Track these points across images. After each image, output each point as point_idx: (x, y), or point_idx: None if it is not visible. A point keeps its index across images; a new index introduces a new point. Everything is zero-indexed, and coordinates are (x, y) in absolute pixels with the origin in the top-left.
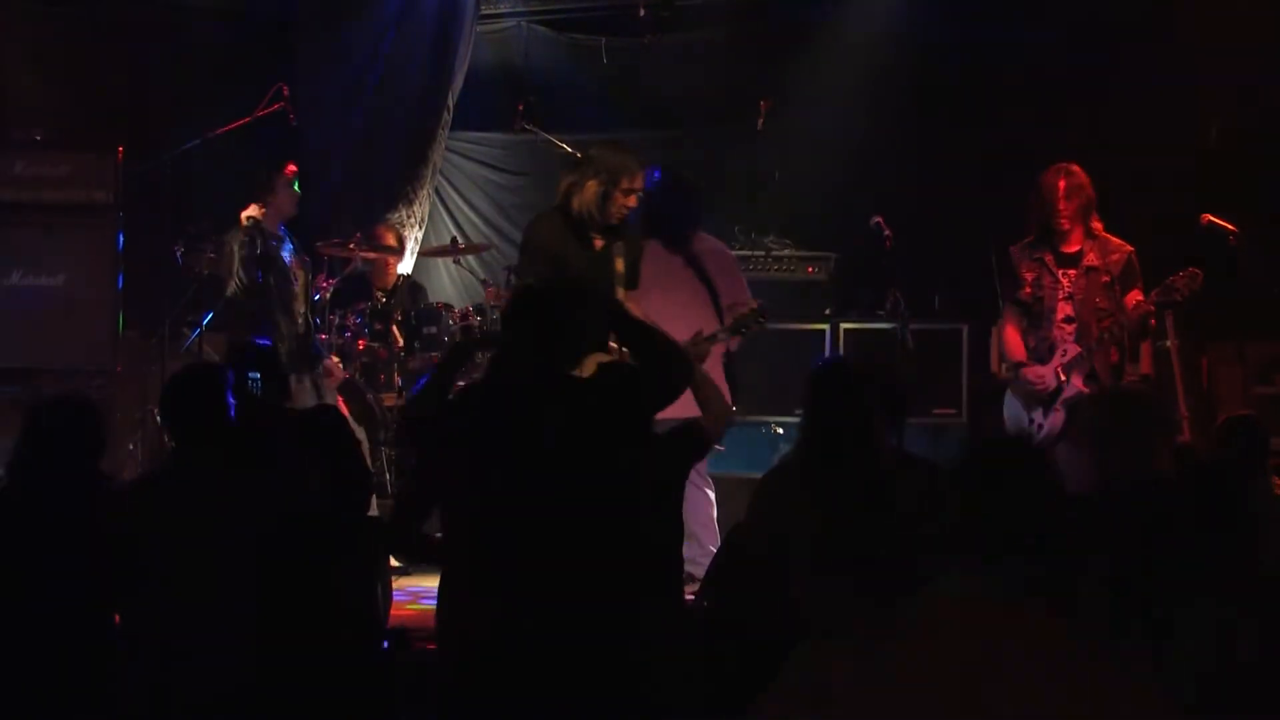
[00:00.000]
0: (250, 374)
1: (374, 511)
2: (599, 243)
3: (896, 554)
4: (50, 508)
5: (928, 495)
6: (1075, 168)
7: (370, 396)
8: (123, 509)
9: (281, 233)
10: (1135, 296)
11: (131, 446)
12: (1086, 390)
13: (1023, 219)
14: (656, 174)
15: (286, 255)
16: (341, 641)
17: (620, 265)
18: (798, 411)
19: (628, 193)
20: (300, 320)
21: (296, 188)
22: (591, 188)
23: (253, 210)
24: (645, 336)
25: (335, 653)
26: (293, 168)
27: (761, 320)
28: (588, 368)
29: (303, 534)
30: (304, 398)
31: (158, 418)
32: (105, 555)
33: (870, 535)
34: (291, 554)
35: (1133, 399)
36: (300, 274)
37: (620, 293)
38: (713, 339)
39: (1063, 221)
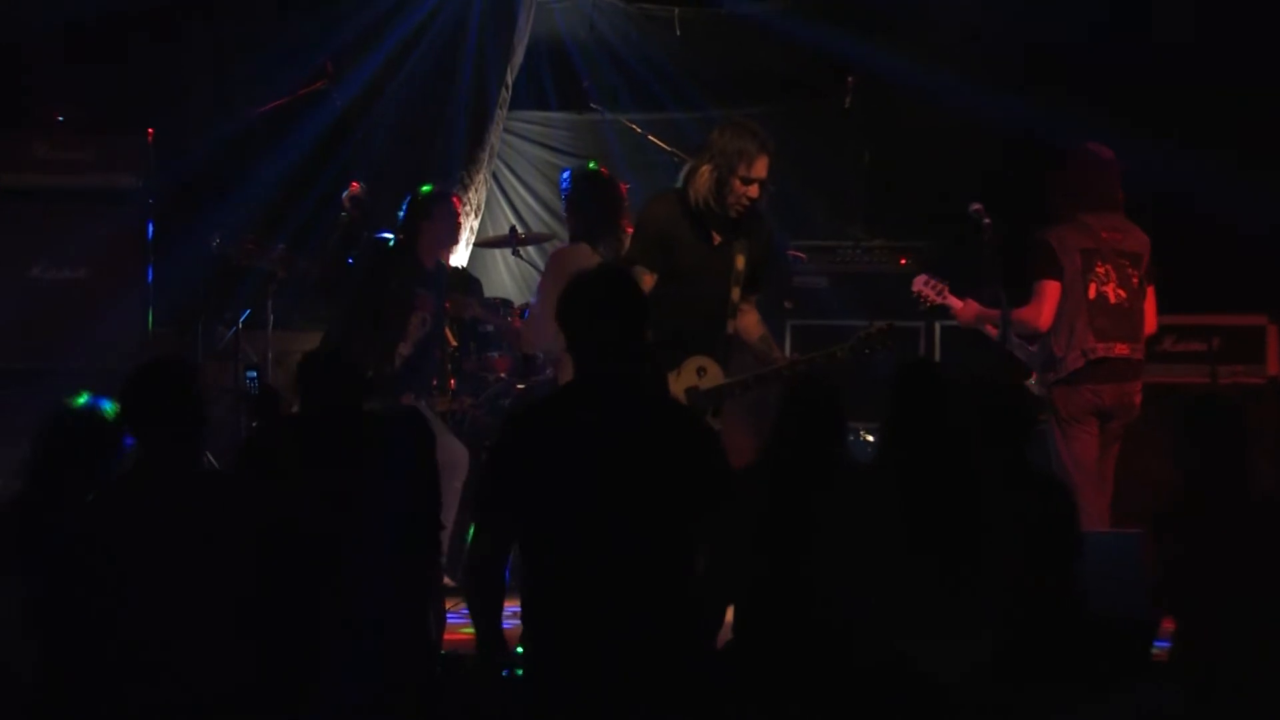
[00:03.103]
0: (248, 372)
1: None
2: (718, 238)
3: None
4: (60, 520)
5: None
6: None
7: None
8: (88, 520)
9: (436, 267)
10: None
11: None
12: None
13: (1139, 202)
14: (566, 176)
15: (427, 290)
16: (386, 664)
17: (740, 263)
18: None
19: (747, 181)
20: (400, 355)
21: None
22: (705, 175)
23: (355, 188)
24: None
25: (379, 676)
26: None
27: (890, 344)
28: (685, 375)
29: (301, 544)
30: None
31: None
32: (71, 569)
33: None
34: (290, 564)
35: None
36: (424, 314)
37: (735, 294)
38: (830, 357)
39: None
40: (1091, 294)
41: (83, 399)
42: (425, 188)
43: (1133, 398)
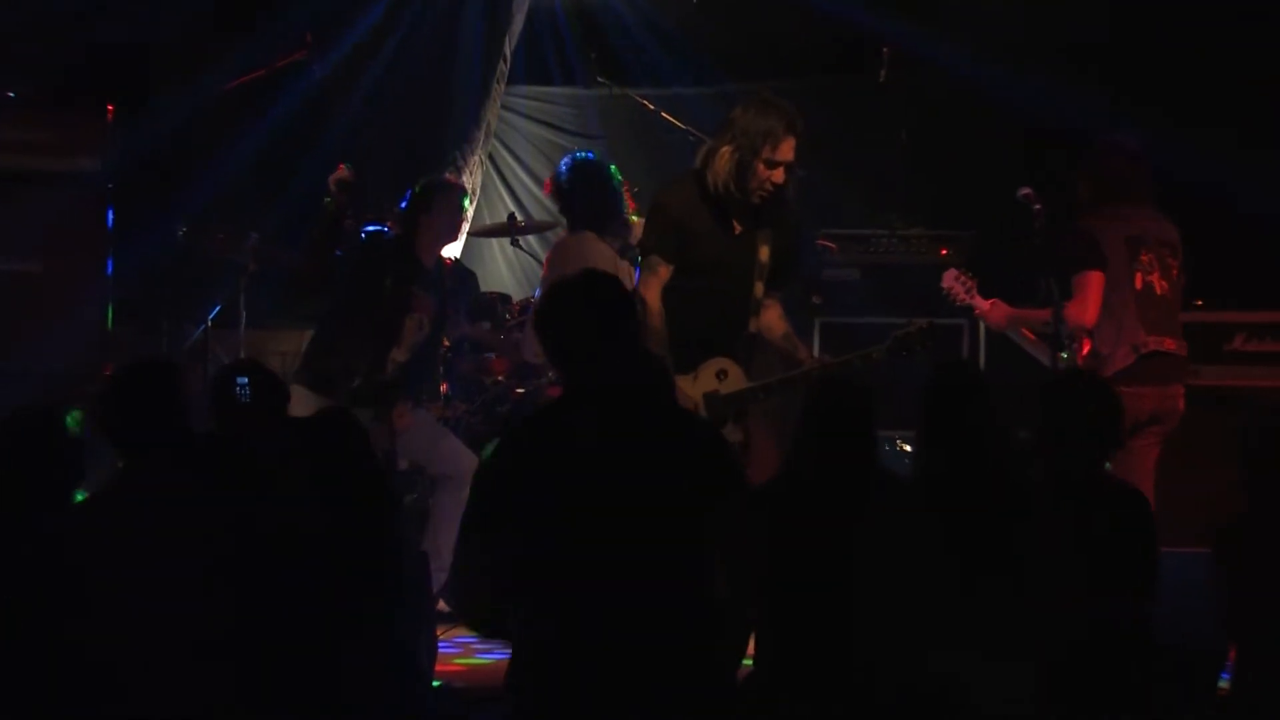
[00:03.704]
0: (238, 379)
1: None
2: (739, 227)
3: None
4: (12, 540)
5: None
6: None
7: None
8: (66, 538)
9: (437, 265)
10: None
11: (121, 464)
12: None
13: (1211, 191)
14: (565, 164)
15: (426, 290)
16: (371, 697)
17: (764, 255)
18: None
19: (771, 164)
20: (394, 361)
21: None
22: (725, 156)
23: (342, 171)
24: None
25: (363, 710)
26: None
27: (930, 344)
28: (704, 379)
29: (289, 560)
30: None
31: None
32: (48, 590)
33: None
34: (276, 582)
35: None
36: (421, 317)
37: (759, 288)
38: (865, 358)
39: None
40: (1138, 284)
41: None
42: (425, 179)
43: (1176, 401)
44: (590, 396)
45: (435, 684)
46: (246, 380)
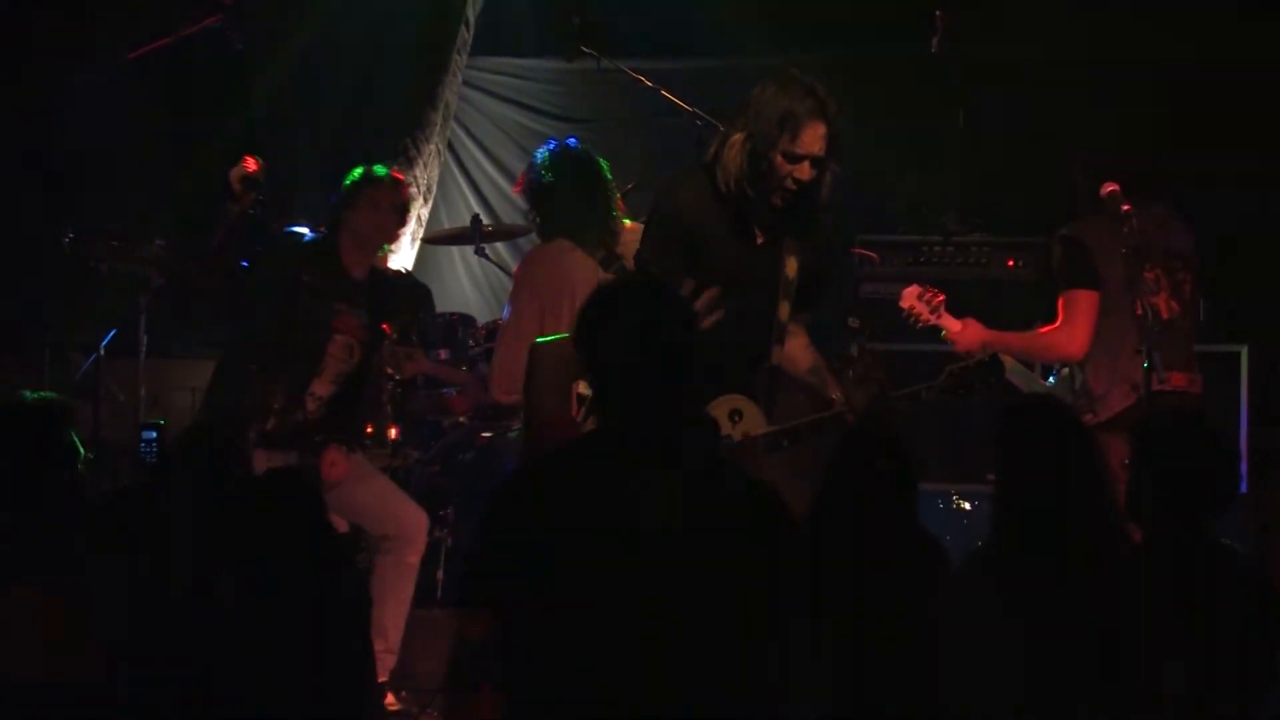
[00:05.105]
0: (145, 432)
1: None
2: (760, 235)
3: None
4: None
5: None
6: None
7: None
8: None
9: (370, 276)
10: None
11: None
12: None
13: None
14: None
15: (353, 306)
16: None
17: (792, 269)
18: (991, 477)
19: (792, 158)
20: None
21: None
22: (736, 146)
23: (249, 165)
24: None
25: None
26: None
27: (994, 379)
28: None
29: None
30: None
31: None
32: None
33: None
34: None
35: None
36: (348, 340)
37: (784, 310)
38: (913, 397)
39: None
40: (1139, 308)
41: None
42: (357, 170)
43: None
44: (623, 444)
45: None
46: (155, 435)
